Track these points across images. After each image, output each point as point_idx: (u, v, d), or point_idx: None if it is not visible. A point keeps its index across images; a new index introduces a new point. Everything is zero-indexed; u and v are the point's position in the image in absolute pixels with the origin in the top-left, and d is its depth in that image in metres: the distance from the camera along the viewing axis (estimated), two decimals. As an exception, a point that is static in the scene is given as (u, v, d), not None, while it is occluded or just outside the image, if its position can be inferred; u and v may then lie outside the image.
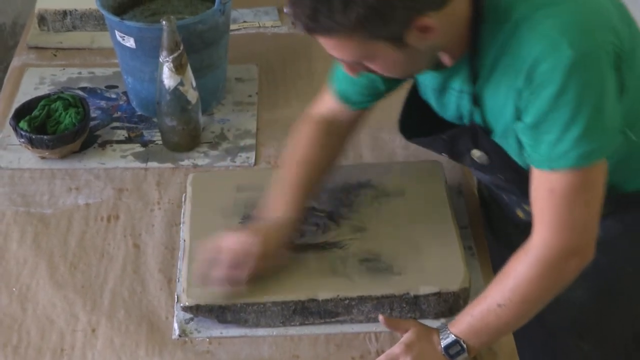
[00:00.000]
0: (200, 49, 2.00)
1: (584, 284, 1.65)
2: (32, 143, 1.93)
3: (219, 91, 2.15)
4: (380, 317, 1.53)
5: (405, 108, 1.70)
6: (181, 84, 1.89)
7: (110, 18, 1.97)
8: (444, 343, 1.50)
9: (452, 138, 1.58)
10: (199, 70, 1.99)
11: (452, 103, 1.55)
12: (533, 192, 1.45)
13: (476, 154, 1.57)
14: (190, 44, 1.93)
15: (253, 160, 1.98)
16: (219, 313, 1.59)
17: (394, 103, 2.06)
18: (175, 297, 1.66)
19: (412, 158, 1.97)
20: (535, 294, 1.46)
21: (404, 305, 1.60)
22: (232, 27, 2.30)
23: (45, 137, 1.92)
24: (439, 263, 1.64)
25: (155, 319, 1.64)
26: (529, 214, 1.54)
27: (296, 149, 1.73)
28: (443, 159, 1.89)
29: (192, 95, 1.92)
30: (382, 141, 2.03)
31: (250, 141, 2.04)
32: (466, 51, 1.44)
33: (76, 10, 2.35)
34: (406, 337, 1.52)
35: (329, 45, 1.37)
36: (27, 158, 1.98)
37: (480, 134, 1.52)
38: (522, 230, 1.55)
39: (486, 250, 1.78)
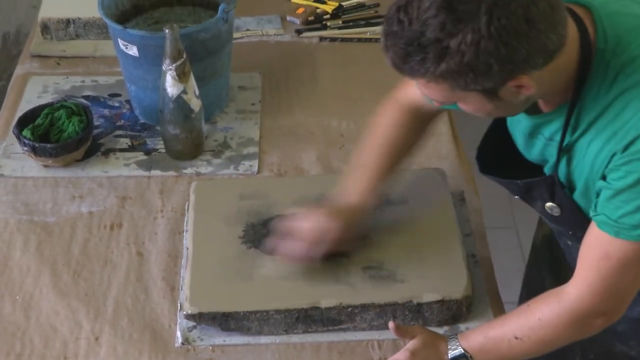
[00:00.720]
0: (203, 57, 2.00)
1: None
2: (36, 151, 1.93)
3: (222, 99, 2.15)
4: (390, 324, 1.53)
5: (486, 139, 1.64)
6: (184, 92, 1.89)
7: (113, 26, 1.98)
8: (451, 354, 1.50)
9: (527, 186, 1.56)
10: (202, 78, 1.99)
11: (538, 148, 1.52)
12: (585, 248, 1.42)
13: (550, 205, 1.55)
14: (193, 52, 1.94)
15: (256, 168, 1.98)
16: (222, 321, 1.59)
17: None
18: (178, 305, 1.66)
19: (415, 166, 1.97)
20: (554, 339, 1.46)
21: (407, 313, 1.60)
22: (235, 35, 2.30)
23: (48, 145, 1.93)
24: (442, 271, 1.64)
25: (158, 327, 1.64)
26: None
27: (379, 130, 1.70)
28: (446, 167, 1.90)
29: (195, 104, 1.93)
30: (385, 149, 2.03)
31: (253, 149, 2.04)
32: (567, 101, 1.40)
33: (79, 18, 2.36)
34: (411, 344, 1.52)
35: (419, 83, 1.33)
36: (31, 166, 1.98)
37: (558, 187, 1.49)
38: None
39: (489, 258, 1.78)
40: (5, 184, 1.94)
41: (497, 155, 1.61)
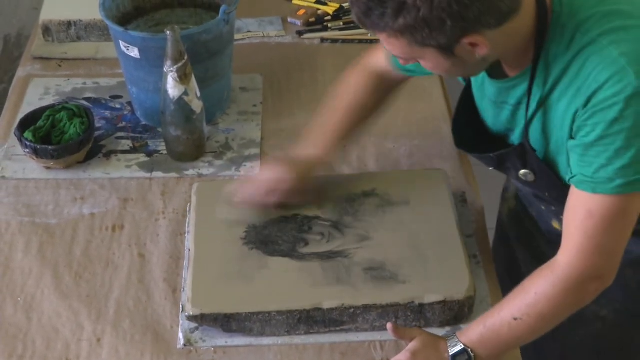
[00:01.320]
0: (204, 59, 2.00)
1: (612, 304, 1.69)
2: (37, 153, 1.93)
3: (224, 101, 2.15)
4: (388, 325, 1.53)
5: (457, 113, 1.69)
6: (185, 93, 1.89)
7: (114, 28, 1.98)
8: (452, 351, 1.50)
9: (500, 158, 1.59)
10: (204, 80, 1.99)
11: (505, 117, 1.55)
12: (568, 212, 1.45)
13: (523, 172, 1.57)
14: (195, 53, 1.94)
15: (258, 170, 1.98)
16: (224, 322, 1.59)
17: (400, 112, 2.07)
18: (180, 306, 1.66)
19: (416, 167, 1.97)
20: (552, 312, 1.47)
21: (409, 314, 1.60)
22: (237, 36, 2.30)
23: (50, 147, 1.93)
24: (444, 271, 1.64)
25: (160, 329, 1.64)
26: None
27: (345, 93, 1.79)
28: (448, 168, 1.90)
29: (197, 105, 1.93)
30: (386, 150, 2.03)
31: (254, 151, 2.04)
32: (528, 65, 1.44)
33: (81, 20, 2.36)
34: (412, 345, 1.52)
35: (380, 37, 1.39)
36: (32, 168, 1.98)
37: (530, 153, 1.52)
38: (554, 243, 1.55)
39: (491, 259, 1.78)
40: (7, 186, 1.94)
41: (470, 129, 1.65)
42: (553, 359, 1.84)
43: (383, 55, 1.74)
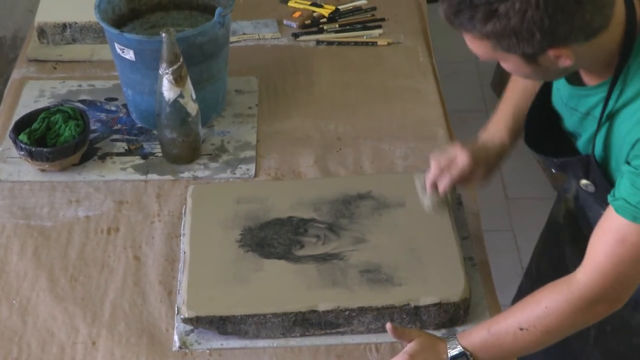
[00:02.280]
0: (200, 61, 2.00)
1: (618, 338, 1.72)
2: (32, 156, 1.93)
3: (219, 103, 2.15)
4: (388, 326, 1.53)
5: (532, 108, 1.68)
6: (181, 96, 1.89)
7: (109, 31, 1.98)
8: (450, 353, 1.50)
9: (563, 164, 1.59)
10: (199, 82, 1.99)
11: (573, 121, 1.55)
12: (598, 233, 1.44)
13: (585, 182, 1.57)
14: (190, 56, 1.94)
15: (253, 172, 1.98)
16: (219, 324, 1.59)
17: (396, 114, 2.07)
18: (176, 309, 1.66)
19: (412, 169, 1.97)
20: (559, 328, 1.47)
21: (405, 316, 1.60)
22: (232, 39, 2.30)
23: (45, 149, 1.93)
24: (440, 274, 1.64)
25: (155, 331, 1.64)
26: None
27: (517, 87, 1.76)
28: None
29: (192, 108, 1.93)
30: (382, 152, 2.03)
31: (250, 153, 2.04)
32: (608, 79, 1.43)
33: (76, 23, 2.35)
34: (410, 346, 1.51)
35: (465, 36, 1.39)
36: (27, 171, 1.98)
37: (593, 166, 1.51)
38: None
39: (487, 261, 1.78)
40: (2, 188, 1.94)
41: (541, 128, 1.64)
42: None
43: None
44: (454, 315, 1.61)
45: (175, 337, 1.62)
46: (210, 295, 1.62)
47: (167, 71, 1.86)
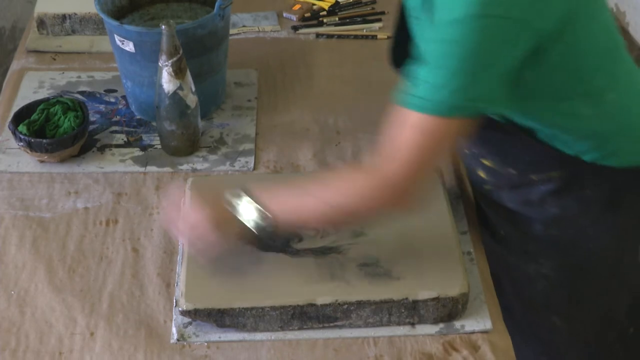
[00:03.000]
0: (199, 54, 2.00)
1: (549, 262, 1.75)
2: (31, 147, 1.93)
3: (218, 96, 2.15)
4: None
5: (393, 37, 1.70)
6: (180, 88, 1.89)
7: (109, 22, 1.97)
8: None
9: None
10: (199, 74, 1.99)
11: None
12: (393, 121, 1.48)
13: None
14: (190, 48, 1.94)
15: (252, 165, 1.98)
16: (218, 317, 1.59)
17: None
18: (174, 301, 1.66)
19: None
20: (356, 208, 1.51)
21: (403, 310, 1.60)
22: (232, 31, 2.30)
23: (44, 141, 1.92)
24: (438, 268, 1.64)
25: (153, 323, 1.64)
26: (491, 170, 1.70)
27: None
28: (442, 164, 1.89)
29: (192, 100, 1.93)
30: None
31: (249, 146, 2.04)
32: None
33: (75, 14, 2.35)
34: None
35: None
36: (26, 162, 1.98)
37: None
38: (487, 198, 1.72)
39: (485, 256, 1.78)
40: (1, 179, 1.94)
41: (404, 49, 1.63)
42: (517, 315, 1.85)
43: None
44: (453, 309, 1.61)
45: (173, 330, 1.62)
46: (208, 288, 1.61)
47: (166, 63, 1.86)
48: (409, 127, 1.42)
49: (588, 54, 1.49)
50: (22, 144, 1.94)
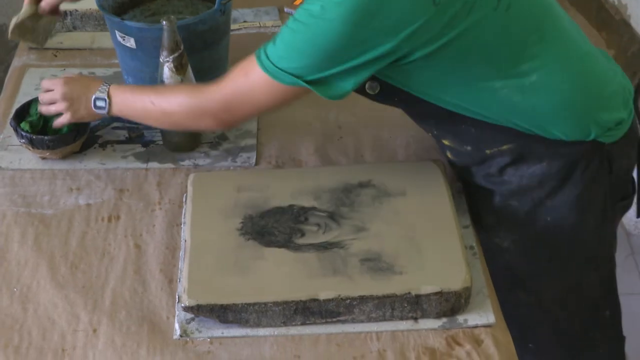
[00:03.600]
0: (200, 49, 2.00)
1: (510, 235, 1.79)
2: (33, 144, 1.93)
3: (220, 91, 2.14)
4: None
5: None
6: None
7: (110, 18, 1.97)
8: (96, 94, 1.80)
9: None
10: (200, 70, 1.98)
11: None
12: (239, 63, 1.65)
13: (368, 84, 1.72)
14: (191, 44, 1.93)
15: (254, 161, 1.98)
16: (220, 313, 1.59)
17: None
18: (176, 297, 1.66)
19: (413, 157, 1.97)
20: (176, 118, 1.74)
21: (405, 305, 1.60)
22: (233, 27, 2.30)
23: (45, 137, 1.92)
24: (441, 263, 1.64)
25: (156, 319, 1.64)
26: (452, 149, 1.77)
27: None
28: (444, 159, 1.89)
29: (193, 96, 1.92)
30: (383, 141, 2.03)
31: (251, 141, 2.04)
32: None
33: (76, 10, 2.35)
34: (69, 74, 1.89)
35: None
36: (28, 159, 1.98)
37: None
38: (477, 195, 1.80)
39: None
40: (3, 176, 1.94)
41: None
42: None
43: None
44: (455, 304, 1.61)
45: (176, 326, 1.62)
46: (211, 284, 1.61)
47: (167, 59, 1.86)
48: (240, 67, 1.63)
49: (489, 46, 1.57)
50: (23, 140, 1.94)
